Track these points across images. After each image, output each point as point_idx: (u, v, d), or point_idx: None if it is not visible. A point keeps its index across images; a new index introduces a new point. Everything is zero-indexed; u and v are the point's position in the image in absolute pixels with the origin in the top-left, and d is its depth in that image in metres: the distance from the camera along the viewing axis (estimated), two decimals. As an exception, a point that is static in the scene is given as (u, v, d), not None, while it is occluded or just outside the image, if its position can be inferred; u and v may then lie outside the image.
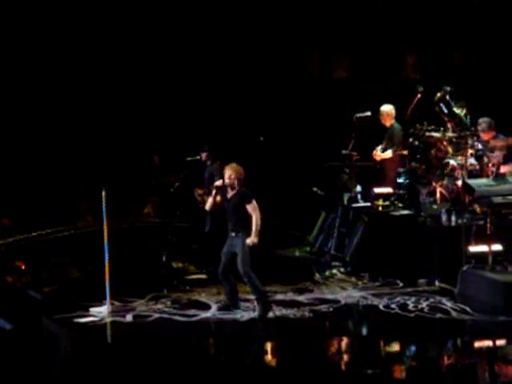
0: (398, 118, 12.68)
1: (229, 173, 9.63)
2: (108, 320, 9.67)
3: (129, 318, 9.75)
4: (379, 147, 12.61)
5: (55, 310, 9.98)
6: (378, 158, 12.63)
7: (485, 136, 11.28)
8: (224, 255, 9.69)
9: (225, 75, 17.02)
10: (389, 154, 12.47)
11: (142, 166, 15.99)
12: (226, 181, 9.63)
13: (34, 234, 13.76)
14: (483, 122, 11.31)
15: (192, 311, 9.92)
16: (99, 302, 10.05)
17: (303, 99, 16.98)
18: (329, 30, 17.94)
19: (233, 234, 9.62)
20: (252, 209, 9.50)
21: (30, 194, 15.03)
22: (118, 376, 8.52)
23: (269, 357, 8.92)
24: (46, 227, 14.16)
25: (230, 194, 9.66)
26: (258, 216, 9.49)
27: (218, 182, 9.79)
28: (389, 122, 12.60)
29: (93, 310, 9.91)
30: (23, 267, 12.24)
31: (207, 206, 9.93)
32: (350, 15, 18.00)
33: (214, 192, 9.78)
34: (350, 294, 10.58)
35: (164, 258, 12.55)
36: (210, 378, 8.18)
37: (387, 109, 12.62)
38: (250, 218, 9.56)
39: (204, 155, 12.07)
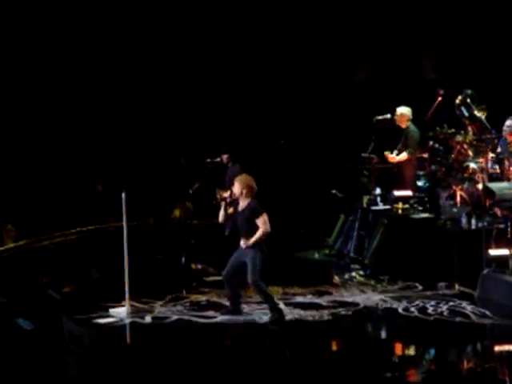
0: (418, 120, 12.63)
1: (236, 186, 9.60)
2: (127, 321, 9.70)
3: (148, 319, 9.77)
4: (392, 152, 12.53)
5: (75, 310, 10.03)
6: (393, 161, 12.56)
7: (509, 136, 11.22)
8: (231, 262, 9.63)
9: (247, 79, 17.04)
10: (404, 156, 12.41)
11: (168, 168, 16.02)
12: (234, 194, 9.60)
13: (54, 234, 13.82)
14: (509, 121, 11.21)
15: (210, 313, 9.93)
16: (118, 302, 10.08)
17: (323, 103, 16.97)
18: (348, 33, 17.92)
19: (243, 245, 9.54)
20: (261, 223, 9.46)
21: (51, 196, 15.10)
22: (136, 377, 8.54)
23: (287, 359, 8.91)
24: (67, 228, 14.22)
25: (240, 206, 9.61)
26: (266, 231, 9.43)
27: (226, 194, 9.77)
28: (404, 123, 12.52)
29: (112, 310, 9.94)
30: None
31: (220, 218, 9.83)
32: (369, 18, 17.98)
33: (223, 204, 9.73)
34: (369, 297, 10.56)
35: (183, 260, 12.56)
36: (228, 380, 8.18)
37: (403, 110, 12.56)
38: (255, 231, 9.50)
39: (225, 157, 12.08)
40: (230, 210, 9.72)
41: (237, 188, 9.59)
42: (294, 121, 16.46)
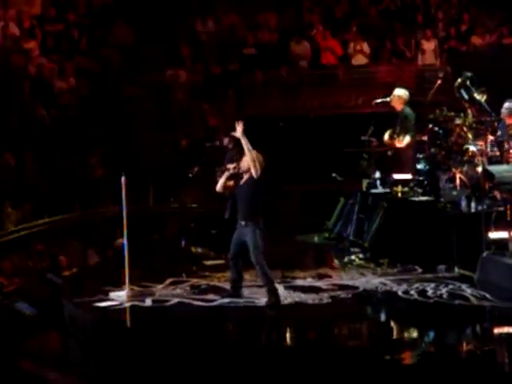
0: (418, 103, 12.61)
1: (244, 160, 9.51)
2: (127, 304, 9.72)
3: (148, 302, 9.79)
4: (388, 132, 12.49)
5: (75, 294, 10.05)
6: (398, 146, 12.53)
7: (508, 119, 11.21)
8: (234, 243, 9.61)
9: (245, 64, 17.03)
10: (408, 140, 12.40)
11: (169, 151, 16.00)
12: (241, 168, 9.52)
13: (54, 218, 13.83)
14: (508, 104, 11.20)
15: (210, 296, 9.95)
16: (119, 286, 10.10)
17: (322, 85, 16.95)
18: (345, 15, 17.90)
19: (242, 223, 9.50)
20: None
21: (52, 179, 15.09)
22: (136, 360, 8.57)
23: (286, 342, 8.93)
24: (66, 212, 14.23)
25: (242, 180, 9.57)
26: (257, 161, 9.33)
27: (232, 166, 9.66)
28: (400, 106, 12.47)
29: (112, 294, 9.97)
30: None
31: (217, 187, 9.73)
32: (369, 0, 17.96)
33: (226, 173, 9.61)
34: (368, 280, 10.57)
35: (183, 243, 12.58)
36: (228, 363, 8.21)
37: (400, 93, 12.51)
38: (260, 207, 9.47)
39: (227, 140, 12.06)
40: (230, 183, 9.64)
41: (245, 162, 9.52)
42: (293, 104, 16.45)
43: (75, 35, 16.73)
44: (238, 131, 9.48)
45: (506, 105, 11.24)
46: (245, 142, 9.42)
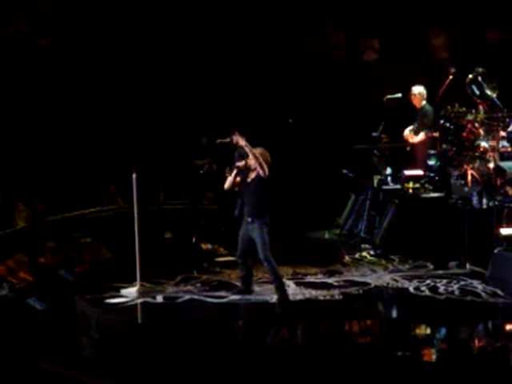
0: (429, 99, 12.58)
1: (250, 157, 9.51)
2: (138, 301, 9.74)
3: (159, 298, 9.81)
4: (409, 128, 12.52)
5: (87, 290, 10.08)
6: (413, 142, 12.52)
7: None
8: (241, 241, 9.62)
9: (254, 58, 17.00)
10: (422, 136, 12.39)
11: (190, 148, 16.00)
12: (249, 165, 9.53)
13: (65, 215, 13.86)
14: None
15: (221, 293, 9.96)
16: (130, 283, 10.12)
17: (334, 81, 16.91)
18: (356, 10, 17.83)
19: (249, 220, 9.52)
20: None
21: (62, 176, 15.13)
22: (148, 356, 8.59)
23: (298, 339, 8.94)
24: (78, 208, 14.26)
25: (250, 177, 9.59)
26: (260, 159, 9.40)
27: (241, 163, 9.66)
28: (420, 103, 12.50)
29: (124, 290, 9.99)
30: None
31: (226, 185, 9.76)
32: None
33: (235, 172, 9.64)
34: (379, 277, 10.56)
35: (194, 240, 12.59)
36: (239, 360, 8.22)
37: (419, 90, 12.52)
38: (268, 204, 9.49)
39: (236, 137, 12.04)
40: (238, 180, 9.67)
41: (253, 160, 9.51)
42: (304, 99, 16.42)
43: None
44: (239, 141, 9.54)
45: None
46: (247, 149, 9.50)
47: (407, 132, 12.56)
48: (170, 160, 15.70)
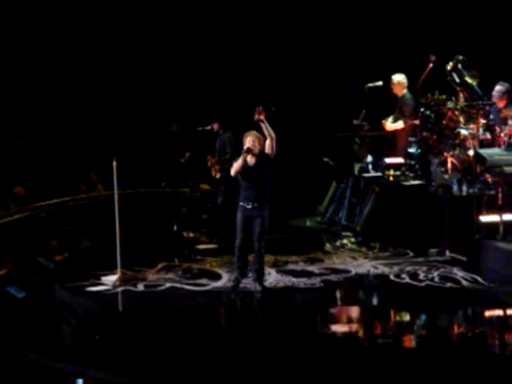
0: (409, 87, 12.59)
1: (252, 139, 9.36)
2: (119, 289, 9.72)
3: (140, 286, 9.80)
4: (390, 118, 12.53)
5: (67, 278, 10.05)
6: (388, 129, 12.55)
7: (499, 103, 11.22)
8: (242, 230, 9.34)
9: (237, 45, 16.95)
10: (400, 124, 12.41)
11: (159, 135, 15.97)
12: (253, 149, 9.32)
13: (46, 203, 13.80)
14: (499, 87, 11.21)
15: (203, 280, 9.95)
16: (111, 270, 10.10)
17: (313, 69, 16.90)
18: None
19: (249, 206, 9.30)
20: (268, 146, 9.26)
21: (42, 164, 15.07)
22: (128, 344, 8.58)
23: (279, 326, 8.94)
24: (57, 196, 14.20)
25: (250, 162, 9.38)
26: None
27: (249, 145, 9.34)
28: (400, 91, 12.49)
29: (104, 278, 9.97)
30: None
31: (234, 171, 9.36)
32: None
33: (244, 155, 9.30)
34: (360, 264, 10.59)
35: (175, 228, 12.57)
36: (220, 347, 8.22)
37: (399, 78, 12.51)
38: (268, 188, 9.36)
39: (216, 125, 12.04)
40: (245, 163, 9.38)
41: (255, 141, 9.34)
42: (285, 88, 16.40)
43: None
44: (261, 116, 9.33)
45: (497, 88, 11.24)
46: (265, 127, 9.32)
47: (384, 120, 12.54)
48: (150, 148, 15.67)
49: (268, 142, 9.34)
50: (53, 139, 15.77)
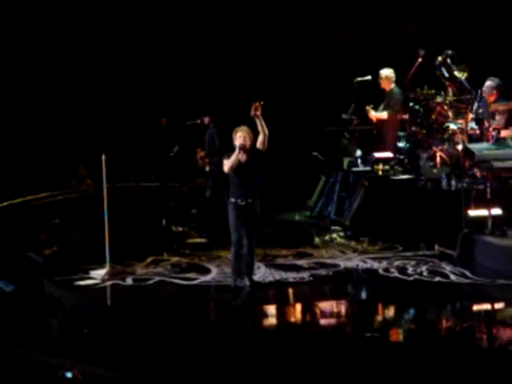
0: (398, 81, 12.61)
1: (244, 135, 9.23)
2: (108, 283, 9.71)
3: (129, 280, 9.79)
4: (373, 107, 12.50)
5: (56, 272, 10.03)
6: (373, 118, 12.55)
7: (489, 97, 11.25)
8: (240, 227, 9.19)
9: (227, 40, 16.94)
10: (384, 115, 12.40)
11: (149, 128, 15.94)
12: (246, 143, 9.19)
13: (34, 196, 13.78)
14: (489, 83, 11.24)
15: (192, 275, 9.95)
16: (99, 264, 10.09)
17: (303, 64, 16.90)
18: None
19: (243, 203, 9.15)
20: (260, 141, 9.19)
21: (31, 157, 15.04)
22: (117, 338, 8.58)
23: (267, 320, 8.95)
24: (46, 190, 14.17)
25: (242, 158, 9.25)
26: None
27: (242, 141, 9.21)
28: (388, 85, 12.50)
29: (93, 272, 9.95)
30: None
31: (229, 167, 9.18)
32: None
33: (238, 151, 9.16)
34: (349, 258, 10.61)
35: (164, 222, 12.56)
36: (209, 341, 8.23)
37: (387, 72, 12.52)
38: (260, 183, 9.26)
39: (207, 119, 12.03)
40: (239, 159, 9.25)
41: (246, 137, 9.20)
42: (274, 82, 16.40)
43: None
44: (257, 112, 9.27)
45: (488, 83, 11.27)
46: (259, 122, 9.26)
47: (368, 106, 12.53)
48: (139, 142, 15.64)
49: (261, 137, 9.29)
50: (41, 133, 15.74)
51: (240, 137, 9.27)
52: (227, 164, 9.24)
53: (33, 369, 7.94)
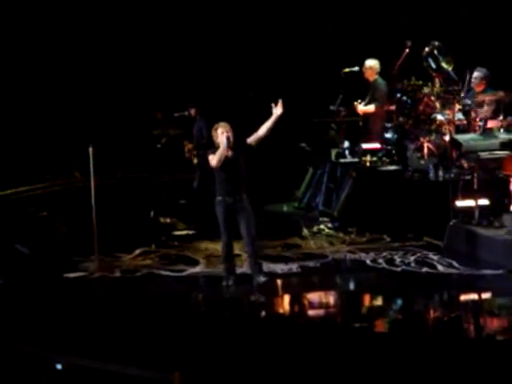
0: (386, 72, 12.63)
1: (227, 129, 9.06)
2: (96, 275, 9.70)
3: (117, 273, 9.78)
4: (361, 102, 12.53)
5: (43, 264, 10.01)
6: (360, 112, 12.58)
7: (477, 87, 11.29)
8: (228, 225, 9.03)
9: (214, 33, 16.91)
10: (372, 108, 12.42)
11: (144, 121, 15.90)
12: (231, 138, 9.01)
13: (21, 188, 13.75)
14: (477, 73, 11.28)
15: (180, 266, 9.96)
16: (87, 257, 10.07)
17: (291, 55, 16.88)
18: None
19: (230, 200, 8.97)
20: (254, 136, 9.10)
21: (19, 149, 14.99)
22: (105, 330, 8.57)
23: (256, 311, 8.96)
24: (33, 182, 14.14)
25: (228, 153, 9.08)
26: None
27: (229, 135, 9.04)
28: (372, 76, 12.51)
29: (81, 265, 9.94)
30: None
31: (217, 161, 8.99)
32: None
33: (225, 144, 8.97)
34: (337, 249, 10.63)
35: (152, 214, 12.56)
36: (198, 332, 8.24)
37: (371, 63, 12.54)
38: (246, 178, 9.12)
39: (193, 111, 12.02)
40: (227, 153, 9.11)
41: (230, 133, 9.04)
42: (262, 73, 16.39)
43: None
44: (278, 110, 9.21)
45: (476, 74, 11.31)
46: (273, 121, 9.17)
47: (356, 102, 12.56)
48: (127, 134, 15.62)
49: (260, 134, 9.13)
50: (29, 125, 15.68)
51: (223, 132, 9.06)
52: (214, 159, 9.02)
53: (23, 361, 7.94)
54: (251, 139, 9.18)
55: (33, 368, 7.68)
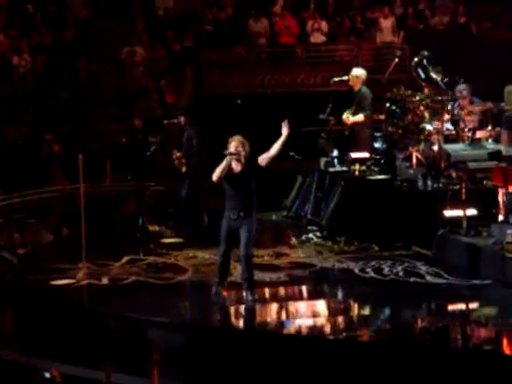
0: (375, 82, 12.66)
1: (236, 144, 8.83)
2: (83, 282, 9.67)
3: (104, 280, 9.75)
4: (346, 112, 12.54)
5: (30, 272, 9.97)
6: (349, 123, 12.58)
7: (464, 102, 11.33)
8: (227, 239, 8.91)
9: (202, 38, 16.95)
10: (360, 117, 12.43)
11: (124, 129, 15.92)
12: (239, 154, 8.79)
13: (8, 195, 13.69)
14: (463, 88, 11.33)
15: (168, 274, 9.93)
16: (75, 264, 10.04)
17: (280, 63, 16.94)
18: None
19: (234, 216, 8.81)
20: (265, 156, 8.88)
21: (4, 156, 14.94)
22: (93, 337, 8.55)
23: (243, 320, 8.95)
24: (21, 189, 14.09)
25: (236, 169, 8.89)
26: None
27: (235, 149, 8.83)
28: (357, 85, 12.50)
29: (68, 272, 9.90)
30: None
31: (217, 176, 8.79)
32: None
33: (228, 159, 8.77)
34: (325, 258, 10.62)
35: (140, 222, 12.52)
36: (186, 341, 8.23)
37: (358, 72, 12.54)
38: (256, 197, 9.01)
39: (182, 119, 11.99)
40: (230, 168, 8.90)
41: (238, 147, 8.80)
42: (251, 81, 16.43)
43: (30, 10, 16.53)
44: (285, 131, 9.04)
45: (460, 87, 11.37)
46: (284, 141, 8.98)
47: (344, 115, 12.56)
48: (116, 142, 15.61)
49: (271, 155, 8.95)
50: (17, 131, 15.64)
51: (232, 146, 8.87)
52: (214, 174, 8.86)
53: (10, 371, 7.90)
54: (261, 158, 8.98)
55: (21, 377, 7.66)
